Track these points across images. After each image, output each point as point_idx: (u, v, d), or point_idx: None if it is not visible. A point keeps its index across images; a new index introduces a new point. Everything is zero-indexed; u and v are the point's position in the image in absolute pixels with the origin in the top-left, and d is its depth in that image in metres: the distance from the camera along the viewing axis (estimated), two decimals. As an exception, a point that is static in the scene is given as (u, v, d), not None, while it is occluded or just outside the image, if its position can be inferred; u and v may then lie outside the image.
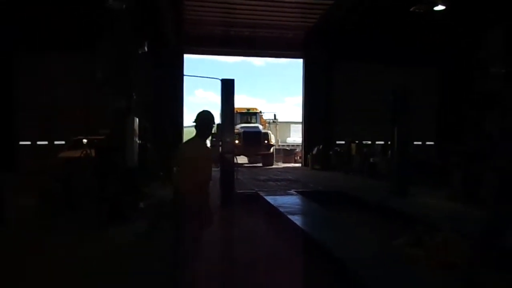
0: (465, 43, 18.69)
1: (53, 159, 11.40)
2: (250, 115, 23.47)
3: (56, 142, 17.00)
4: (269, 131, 22.23)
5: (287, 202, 7.81)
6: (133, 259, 5.11)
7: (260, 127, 22.03)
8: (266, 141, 20.63)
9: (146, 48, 8.17)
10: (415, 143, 20.33)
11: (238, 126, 20.59)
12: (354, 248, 4.66)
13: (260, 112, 24.18)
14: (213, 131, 4.15)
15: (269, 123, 26.02)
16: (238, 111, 22.52)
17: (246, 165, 23.16)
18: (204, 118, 3.89)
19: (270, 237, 6.18)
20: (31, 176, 11.01)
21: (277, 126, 29.70)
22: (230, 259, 5.13)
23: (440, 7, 16.14)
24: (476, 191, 9.35)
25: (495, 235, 3.78)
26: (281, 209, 6.90)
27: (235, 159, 19.47)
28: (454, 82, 20.09)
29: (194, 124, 3.89)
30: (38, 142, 18.08)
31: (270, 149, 21.13)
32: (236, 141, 19.01)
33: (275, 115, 24.82)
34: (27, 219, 6.94)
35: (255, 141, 20.28)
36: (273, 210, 7.32)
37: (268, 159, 21.38)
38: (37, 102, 17.57)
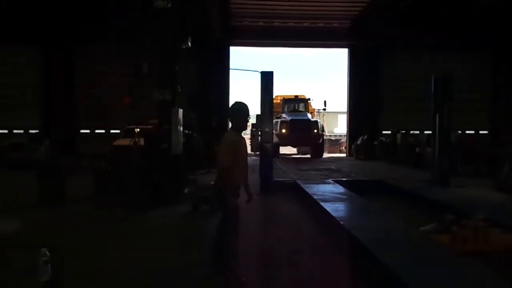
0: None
1: (109, 146, 12.37)
2: (298, 102, 21.63)
3: (112, 131, 18.26)
4: (318, 120, 20.66)
5: (322, 190, 8.04)
6: (171, 234, 5.73)
7: (309, 115, 20.38)
8: (315, 131, 18.86)
9: (189, 44, 8.64)
10: (467, 132, 19.59)
11: (284, 115, 19.80)
12: (379, 232, 4.84)
13: (309, 99, 22.36)
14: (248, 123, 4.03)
15: (318, 111, 24.00)
16: (286, 98, 21.72)
17: (294, 155, 23.08)
18: (235, 110, 3.88)
19: (298, 220, 6.48)
20: (88, 161, 12.07)
21: (324, 116, 28.41)
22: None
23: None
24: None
25: None
26: (315, 197, 7.16)
27: (279, 150, 19.63)
28: (507, 68, 18.99)
29: (228, 116, 3.95)
30: (96, 131, 19.52)
31: (319, 139, 19.48)
32: (283, 130, 18.47)
33: (325, 102, 22.16)
34: (83, 198, 7.74)
35: (304, 130, 18.54)
36: (307, 197, 7.59)
37: (317, 150, 19.86)
38: (96, 93, 18.95)
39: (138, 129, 9.42)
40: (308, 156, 21.10)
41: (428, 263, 3.80)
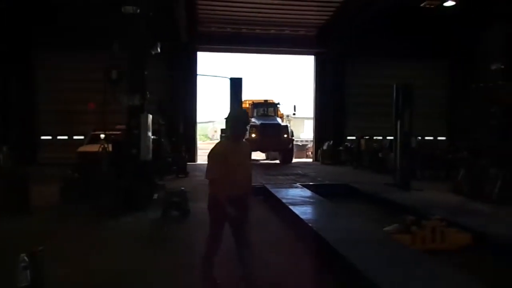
0: (472, 38, 18.79)
1: (73, 153, 12.07)
2: (268, 106, 21.33)
3: (75, 137, 17.80)
4: (288, 124, 20.46)
5: (290, 194, 8.26)
6: (145, 239, 5.74)
7: (279, 119, 20.26)
8: (285, 135, 18.60)
9: (159, 49, 8.66)
10: (426, 138, 20.53)
11: (254, 119, 19.55)
12: (345, 233, 5.08)
13: (278, 103, 22.00)
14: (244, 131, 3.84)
15: (287, 116, 23.74)
16: (255, 102, 21.51)
17: (261, 161, 23.11)
18: (230, 116, 3.88)
19: (268, 223, 6.65)
20: (52, 169, 11.74)
21: (291, 121, 28.61)
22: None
23: (450, 3, 16.27)
24: (479, 186, 9.65)
25: None
26: (284, 200, 7.35)
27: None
28: (463, 77, 20.14)
29: (225, 122, 3.95)
30: (59, 137, 18.93)
31: (289, 144, 19.20)
32: (253, 135, 18.13)
33: (294, 107, 21.78)
34: (49, 207, 7.56)
35: (274, 135, 18.22)
36: (276, 201, 7.77)
37: (287, 155, 19.68)
38: (58, 99, 18.42)
39: (104, 135, 9.32)
40: (277, 161, 21.04)
41: (391, 261, 4.06)
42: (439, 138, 21.57)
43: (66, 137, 18.77)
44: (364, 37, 19.03)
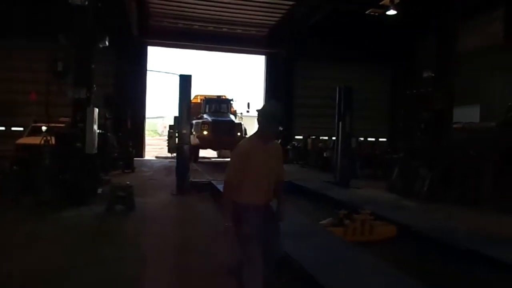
0: (411, 46, 20.16)
1: (12, 145, 11.53)
2: (220, 103, 20.51)
3: (14, 128, 16.94)
4: (242, 122, 19.61)
5: (236, 189, 8.50)
6: (88, 234, 5.74)
7: (232, 116, 19.56)
8: (239, 133, 17.76)
9: (107, 43, 8.56)
10: (369, 139, 21.65)
11: (206, 115, 18.88)
12: (285, 227, 5.40)
13: (232, 100, 21.15)
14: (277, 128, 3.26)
15: (241, 113, 22.74)
16: (207, 98, 20.77)
17: (213, 159, 22.95)
18: (261, 112, 3.32)
19: (213, 218, 6.86)
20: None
21: (243, 120, 28.18)
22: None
23: (392, 12, 17.33)
24: (411, 184, 10.49)
25: None
26: (229, 195, 7.57)
27: (199, 153, 19.52)
28: (403, 82, 21.46)
29: (257, 116, 3.34)
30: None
31: None
32: (205, 132, 17.46)
33: (248, 104, 20.81)
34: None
35: (227, 132, 17.33)
36: (221, 196, 7.97)
37: None
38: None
39: (45, 127, 9.06)
40: (229, 159, 20.69)
41: (324, 252, 4.44)
42: (381, 139, 22.79)
43: (3, 128, 17.81)
44: (312, 40, 19.76)
